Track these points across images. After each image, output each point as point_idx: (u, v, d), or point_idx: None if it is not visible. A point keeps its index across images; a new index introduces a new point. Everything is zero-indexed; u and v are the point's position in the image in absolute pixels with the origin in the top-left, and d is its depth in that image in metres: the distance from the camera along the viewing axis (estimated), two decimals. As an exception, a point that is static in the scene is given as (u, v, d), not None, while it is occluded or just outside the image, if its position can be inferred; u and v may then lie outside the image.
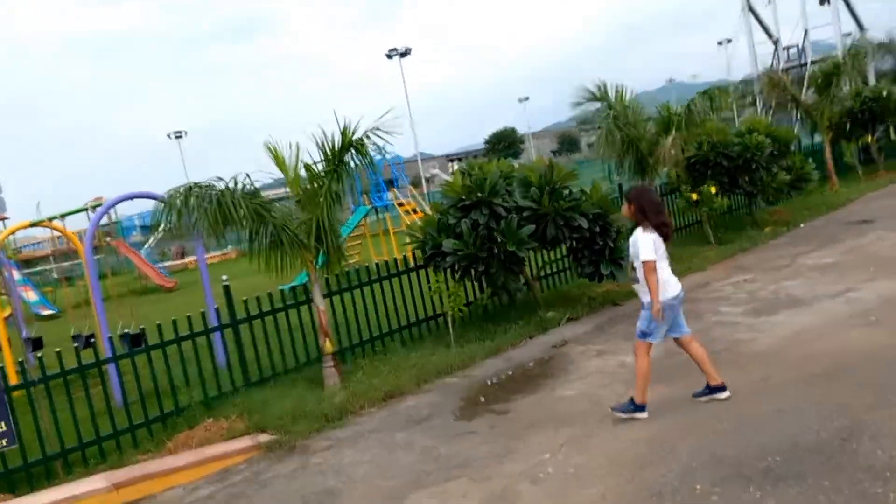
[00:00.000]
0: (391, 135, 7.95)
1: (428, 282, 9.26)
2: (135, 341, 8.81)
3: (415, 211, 20.67)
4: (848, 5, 27.70)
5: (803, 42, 28.37)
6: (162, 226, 7.54)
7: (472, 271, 8.76)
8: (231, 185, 7.57)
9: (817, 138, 20.03)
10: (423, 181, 45.69)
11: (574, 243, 9.06)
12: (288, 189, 8.20)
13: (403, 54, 47.25)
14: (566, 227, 8.68)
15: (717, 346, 6.52)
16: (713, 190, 12.38)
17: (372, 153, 8.08)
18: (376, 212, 20.84)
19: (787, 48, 29.01)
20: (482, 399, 6.45)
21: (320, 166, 8.07)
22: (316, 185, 8.02)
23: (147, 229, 46.79)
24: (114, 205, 10.00)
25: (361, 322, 8.71)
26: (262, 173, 7.91)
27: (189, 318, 7.34)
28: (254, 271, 10.18)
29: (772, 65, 27.79)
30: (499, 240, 8.41)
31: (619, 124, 10.94)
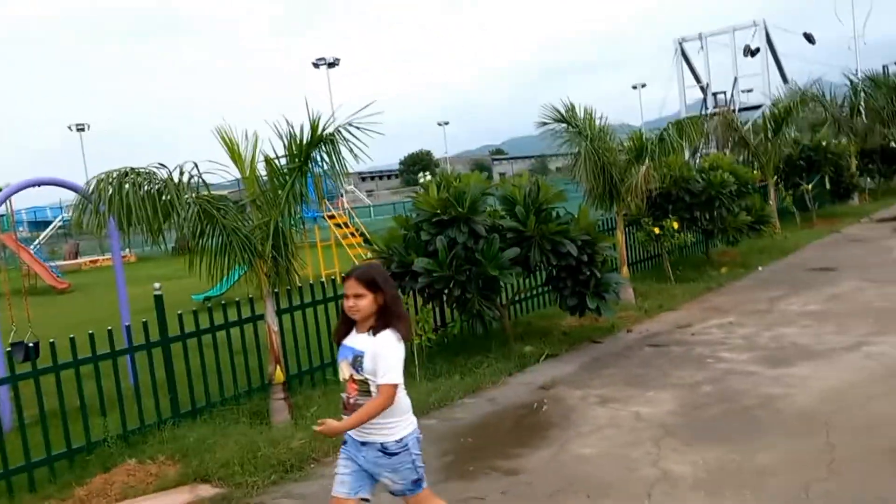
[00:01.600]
0: (367, 133, 6.91)
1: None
2: (33, 351, 7.29)
3: (346, 224, 19.44)
4: (775, 58, 28.64)
5: (732, 89, 29.11)
6: (85, 219, 6.13)
7: (445, 296, 7.77)
8: (176, 175, 6.29)
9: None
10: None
11: (557, 271, 8.20)
12: (243, 187, 6.95)
13: (332, 64, 45.89)
14: (553, 252, 7.80)
15: (748, 400, 5.74)
16: (675, 225, 11.88)
17: (344, 152, 6.97)
18: (303, 223, 19.44)
19: (716, 94, 29.67)
20: (476, 452, 5.40)
21: (282, 162, 6.91)
22: (276, 182, 6.84)
23: (36, 225, 43.11)
24: (17, 191, 8.39)
25: (312, 345, 7.52)
26: (212, 163, 6.67)
27: (110, 331, 5.97)
28: (157, 277, 8.90)
29: (701, 109, 28.28)
30: (480, 262, 7.44)
31: (595, 147, 10.24)
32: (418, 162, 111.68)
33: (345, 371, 3.41)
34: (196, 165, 6.40)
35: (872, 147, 22.60)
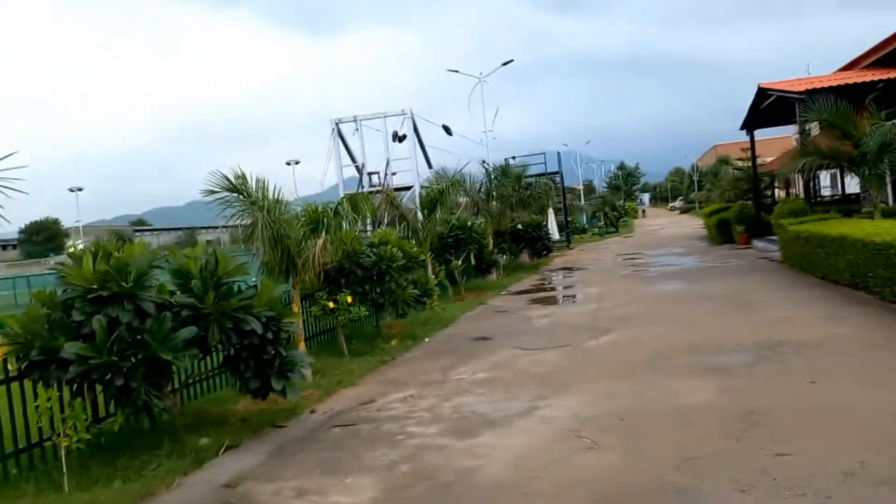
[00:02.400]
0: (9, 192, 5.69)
1: (23, 397, 6.73)
2: None
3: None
4: (421, 145, 31.35)
5: (386, 170, 31.00)
6: None
7: (104, 386, 6.55)
8: None
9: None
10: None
11: (237, 351, 7.47)
12: None
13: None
14: (235, 330, 7.10)
15: (446, 476, 5.65)
16: (349, 299, 11.91)
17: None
18: None
19: (371, 174, 31.34)
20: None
21: None
22: None
23: None
24: None
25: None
26: None
27: None
28: None
29: (358, 187, 29.57)
30: (149, 345, 6.45)
31: (272, 218, 9.83)
32: (43, 231, 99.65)
33: None
34: None
35: (504, 228, 25.73)
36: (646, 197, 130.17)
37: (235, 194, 10.29)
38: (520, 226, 26.95)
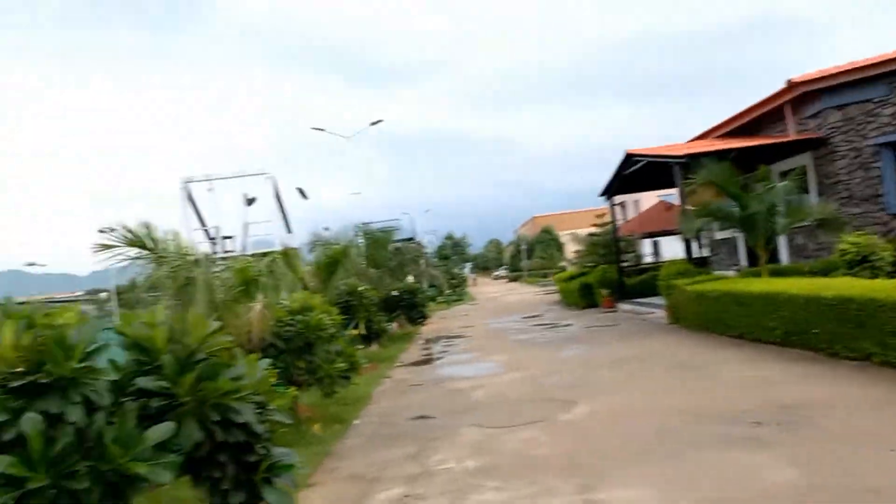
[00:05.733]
0: None
1: None
2: None
3: None
4: (282, 209, 29.34)
5: (245, 235, 28.60)
6: None
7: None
8: None
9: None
10: None
11: (212, 452, 5.43)
12: None
13: None
14: (221, 424, 5.13)
15: None
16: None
17: None
18: None
19: (225, 238, 28.76)
20: None
21: None
22: None
23: None
24: None
25: None
26: None
27: None
28: None
29: (214, 252, 26.96)
30: (105, 452, 4.39)
31: (206, 276, 7.84)
32: None
33: None
34: None
35: (382, 295, 24.27)
36: (467, 266, 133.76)
37: (142, 250, 8.24)
38: (395, 292, 25.60)
